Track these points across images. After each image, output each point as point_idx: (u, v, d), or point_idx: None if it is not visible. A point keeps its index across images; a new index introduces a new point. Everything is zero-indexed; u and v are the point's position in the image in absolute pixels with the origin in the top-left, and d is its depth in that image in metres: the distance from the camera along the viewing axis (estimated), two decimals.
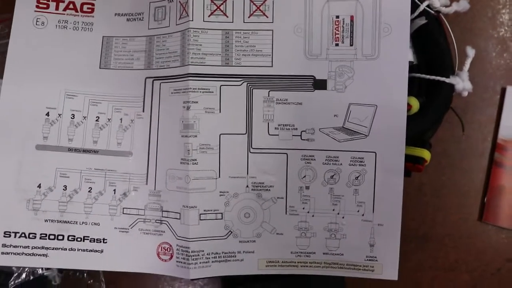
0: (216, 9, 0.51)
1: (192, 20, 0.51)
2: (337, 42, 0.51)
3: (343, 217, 0.51)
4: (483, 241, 0.59)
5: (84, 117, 0.54)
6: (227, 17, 0.51)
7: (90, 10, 0.55)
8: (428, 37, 0.52)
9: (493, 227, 0.59)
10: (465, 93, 0.53)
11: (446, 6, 0.53)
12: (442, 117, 0.53)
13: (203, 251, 0.51)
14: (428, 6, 0.52)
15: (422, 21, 0.52)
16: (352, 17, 0.50)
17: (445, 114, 0.53)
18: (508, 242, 0.59)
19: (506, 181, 0.59)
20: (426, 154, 0.52)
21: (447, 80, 0.51)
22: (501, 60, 0.61)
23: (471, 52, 0.54)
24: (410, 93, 0.50)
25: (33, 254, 0.53)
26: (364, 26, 0.50)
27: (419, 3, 0.52)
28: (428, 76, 0.52)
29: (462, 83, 0.52)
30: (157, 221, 0.53)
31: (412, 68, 0.52)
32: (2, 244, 0.52)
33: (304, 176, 0.51)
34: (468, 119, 0.59)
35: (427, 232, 0.59)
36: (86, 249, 0.53)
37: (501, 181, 0.59)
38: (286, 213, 0.52)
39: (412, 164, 0.51)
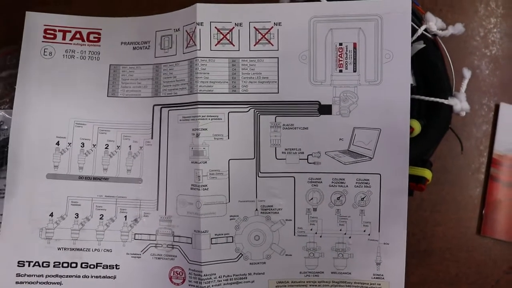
0: (222, 38, 0.53)
1: (200, 49, 0.52)
2: (341, 69, 0.52)
3: (350, 237, 0.53)
4: (482, 254, 0.61)
5: (94, 145, 0.55)
6: (234, 45, 0.53)
7: (96, 39, 0.56)
8: (426, 61, 0.54)
9: (491, 240, 0.61)
10: (463, 113, 0.54)
11: (443, 30, 0.55)
12: (442, 137, 0.55)
13: (215, 274, 0.52)
14: (425, 30, 0.54)
15: (421, 45, 0.54)
16: (355, 44, 0.52)
17: (444, 134, 0.55)
18: (506, 254, 0.61)
19: (502, 195, 0.61)
20: (427, 174, 0.53)
21: (445, 101, 0.53)
22: (494, 78, 0.63)
23: (467, 73, 0.55)
24: (411, 114, 0.52)
25: (47, 283, 0.53)
26: (366, 53, 0.52)
27: (417, 27, 0.53)
28: (427, 98, 0.53)
29: (460, 104, 0.54)
30: (168, 246, 0.54)
31: (411, 90, 0.53)
32: (17, 274, 0.53)
33: (312, 198, 0.53)
34: (466, 136, 0.61)
35: (428, 247, 0.61)
36: (100, 276, 0.54)
37: (498, 195, 0.61)
38: (294, 235, 0.53)
39: (414, 184, 0.53)
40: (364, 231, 0.53)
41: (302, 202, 0.53)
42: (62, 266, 0.54)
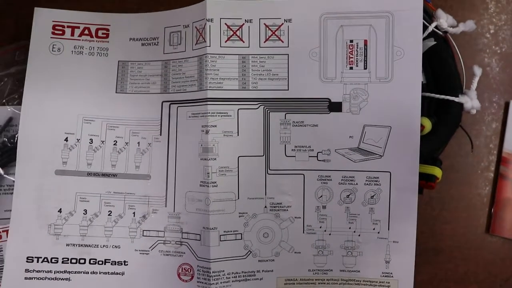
0: (232, 35, 0.52)
1: (210, 46, 0.52)
2: (351, 66, 0.52)
3: (359, 235, 0.53)
4: (491, 252, 0.60)
5: (102, 142, 0.55)
6: (244, 42, 0.53)
7: (105, 35, 0.56)
8: (437, 58, 0.53)
9: (500, 239, 0.60)
10: (474, 111, 0.54)
11: (453, 27, 0.54)
12: (452, 135, 0.54)
13: (223, 271, 0.52)
14: (436, 27, 0.53)
15: (431, 42, 0.53)
16: (365, 41, 0.52)
17: (455, 132, 0.54)
18: None
19: None
20: (437, 172, 0.53)
21: (456, 99, 0.53)
22: (505, 75, 0.62)
23: (478, 71, 0.55)
24: (421, 112, 0.51)
25: (56, 279, 0.53)
26: (377, 50, 0.51)
27: (427, 24, 0.53)
28: (438, 96, 0.53)
29: (470, 101, 0.53)
30: (177, 242, 0.54)
31: (422, 87, 0.53)
32: (26, 269, 0.53)
33: (321, 196, 0.53)
34: (475, 134, 0.61)
35: (436, 245, 0.60)
36: (108, 272, 0.54)
37: (507, 193, 0.61)
38: (303, 232, 0.53)
39: (424, 182, 0.53)
40: (374, 229, 0.52)
41: (311, 200, 0.53)
42: (71, 262, 0.54)
